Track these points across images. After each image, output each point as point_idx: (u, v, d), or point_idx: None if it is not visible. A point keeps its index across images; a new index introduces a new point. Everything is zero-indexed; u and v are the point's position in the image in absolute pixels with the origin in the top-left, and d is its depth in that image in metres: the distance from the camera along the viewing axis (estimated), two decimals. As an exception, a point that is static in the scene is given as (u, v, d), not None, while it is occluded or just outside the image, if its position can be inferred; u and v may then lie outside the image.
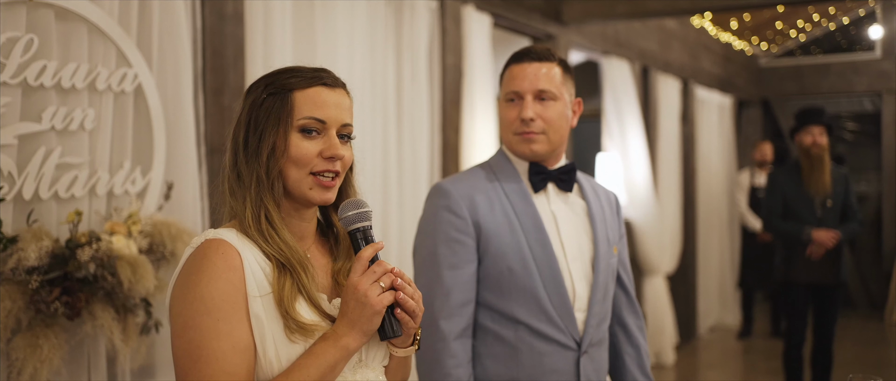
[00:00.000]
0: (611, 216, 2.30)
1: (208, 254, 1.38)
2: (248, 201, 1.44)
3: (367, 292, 1.39)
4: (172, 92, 2.72)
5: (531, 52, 2.18)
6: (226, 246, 1.39)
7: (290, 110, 1.44)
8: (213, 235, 1.42)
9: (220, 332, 1.34)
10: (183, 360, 1.35)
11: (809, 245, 4.92)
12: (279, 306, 1.39)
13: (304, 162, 1.45)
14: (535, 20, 5.07)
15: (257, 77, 1.65)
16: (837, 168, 5.12)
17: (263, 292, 1.39)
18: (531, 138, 2.15)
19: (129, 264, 2.38)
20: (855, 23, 9.64)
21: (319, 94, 1.46)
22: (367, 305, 1.39)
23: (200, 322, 1.34)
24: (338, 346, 1.39)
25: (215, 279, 1.36)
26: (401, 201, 3.96)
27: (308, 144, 1.45)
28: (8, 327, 2.21)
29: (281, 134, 1.44)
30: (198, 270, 1.37)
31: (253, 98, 1.48)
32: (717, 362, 7.17)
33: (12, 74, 2.26)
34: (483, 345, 2.15)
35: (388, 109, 3.86)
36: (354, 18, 3.59)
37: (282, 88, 1.46)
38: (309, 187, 1.47)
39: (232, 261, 1.38)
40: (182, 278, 1.39)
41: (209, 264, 1.37)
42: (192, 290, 1.36)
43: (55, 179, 2.38)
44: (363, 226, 1.47)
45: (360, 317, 1.39)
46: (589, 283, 2.18)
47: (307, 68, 1.50)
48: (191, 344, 1.34)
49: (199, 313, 1.34)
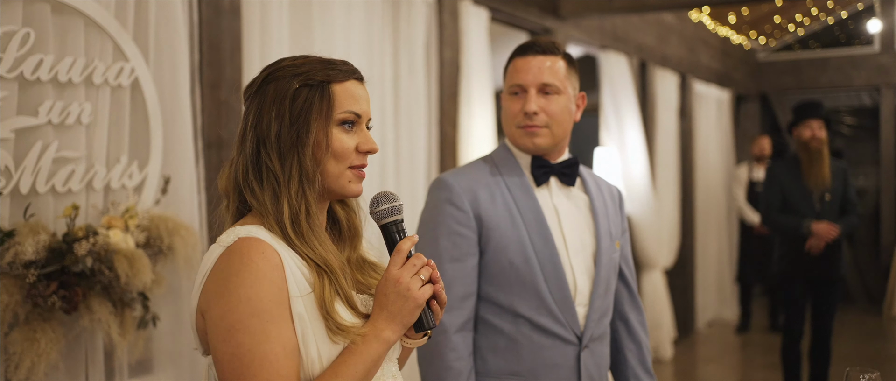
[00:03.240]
0: (613, 211, 2.29)
1: (249, 253, 1.33)
2: (287, 197, 1.39)
3: (409, 285, 1.39)
4: (169, 86, 2.72)
5: (535, 46, 2.17)
6: (265, 245, 1.35)
7: (331, 103, 1.42)
8: (244, 233, 1.37)
9: (270, 334, 1.30)
10: (232, 364, 1.30)
11: (809, 239, 4.92)
12: (321, 308, 1.36)
13: (345, 156, 1.43)
14: (532, 14, 5.06)
15: (258, 71, 1.62)
16: (836, 162, 5.12)
17: (304, 292, 1.36)
18: (534, 132, 2.14)
19: (127, 258, 2.37)
20: (853, 17, 9.63)
21: (355, 87, 1.46)
22: (410, 298, 1.39)
23: (249, 325, 1.30)
24: (380, 339, 1.38)
25: (260, 280, 1.31)
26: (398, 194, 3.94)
27: (347, 138, 1.44)
28: (5, 321, 2.21)
29: (322, 127, 1.42)
30: (239, 271, 1.32)
31: (280, 88, 1.42)
32: (714, 356, 7.18)
33: (9, 67, 2.25)
34: (484, 338, 2.14)
35: (385, 103, 3.85)
36: (351, 12, 3.58)
37: (321, 80, 1.43)
38: (348, 181, 1.46)
39: (273, 260, 1.34)
40: (220, 278, 1.34)
41: (251, 264, 1.32)
42: (236, 292, 1.31)
43: (52, 173, 2.38)
44: (397, 219, 1.47)
45: (400, 310, 1.39)
46: (590, 277, 2.17)
47: (336, 60, 1.47)
48: (241, 348, 1.30)
49: (246, 316, 1.30)
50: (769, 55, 10.20)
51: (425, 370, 2.12)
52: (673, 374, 6.46)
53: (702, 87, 8.14)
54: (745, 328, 8.07)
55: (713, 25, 8.27)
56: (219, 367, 1.33)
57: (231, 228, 1.39)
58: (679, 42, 7.58)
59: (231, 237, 1.37)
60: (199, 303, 1.37)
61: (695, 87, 7.93)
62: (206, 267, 1.37)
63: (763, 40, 9.76)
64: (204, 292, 1.36)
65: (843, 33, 9.87)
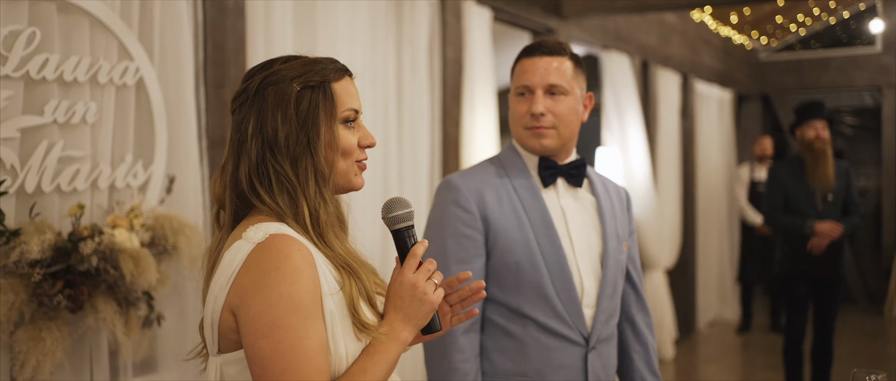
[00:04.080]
0: (621, 212, 2.29)
1: (285, 250, 1.33)
2: (305, 199, 1.41)
3: (426, 289, 1.44)
4: (174, 85, 2.72)
5: (542, 46, 2.17)
6: (299, 242, 1.36)
7: (333, 102, 1.45)
8: (275, 230, 1.36)
9: (310, 331, 1.32)
10: (273, 360, 1.30)
11: (812, 238, 4.92)
12: (349, 305, 1.39)
13: (351, 152, 1.47)
14: (535, 14, 5.06)
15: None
16: (838, 162, 5.11)
17: (333, 290, 1.38)
18: (541, 133, 2.14)
19: (132, 257, 2.38)
20: (855, 17, 9.63)
21: (350, 84, 1.49)
22: (426, 302, 1.44)
23: (290, 321, 1.30)
24: (399, 341, 1.43)
25: (299, 277, 1.33)
26: (400, 194, 3.95)
27: (350, 135, 1.47)
28: (11, 320, 2.21)
29: (329, 127, 1.44)
30: (278, 266, 1.32)
31: (281, 92, 1.42)
32: (716, 356, 7.18)
33: (14, 67, 2.26)
34: (490, 340, 2.14)
35: (388, 102, 3.85)
36: (355, 12, 3.58)
37: (320, 80, 1.44)
38: (354, 174, 1.50)
39: (308, 257, 1.35)
40: (257, 275, 1.33)
41: (289, 260, 1.33)
42: (277, 288, 1.31)
43: (57, 172, 2.38)
44: (410, 224, 1.51)
45: (416, 312, 1.44)
46: (597, 279, 2.17)
47: (325, 59, 1.49)
48: (282, 343, 1.30)
49: (288, 313, 1.30)
50: (771, 55, 10.19)
51: (432, 371, 2.12)
52: (674, 374, 6.46)
53: (703, 87, 8.14)
54: (747, 329, 8.07)
55: (715, 25, 8.27)
56: (256, 363, 1.32)
57: (256, 224, 1.37)
58: (681, 42, 7.58)
59: (260, 234, 1.35)
60: (228, 299, 1.35)
61: (696, 86, 7.93)
62: (234, 263, 1.35)
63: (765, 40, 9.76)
64: (235, 289, 1.34)
65: (845, 33, 9.86)
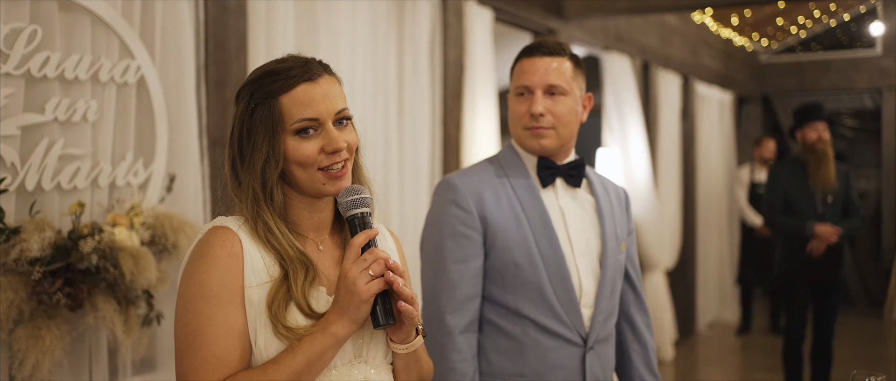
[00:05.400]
0: (620, 212, 2.29)
1: (210, 241, 1.44)
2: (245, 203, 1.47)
3: (355, 279, 1.40)
4: (175, 84, 2.72)
5: (542, 47, 2.17)
6: (228, 233, 1.44)
7: (279, 118, 1.43)
8: (220, 222, 1.48)
9: (216, 317, 1.39)
10: (180, 341, 1.41)
11: (811, 240, 4.92)
12: (269, 310, 1.41)
13: (309, 163, 1.45)
14: (536, 15, 5.06)
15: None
16: (839, 165, 5.11)
17: (260, 282, 1.43)
18: (540, 133, 2.14)
19: (132, 255, 2.38)
20: (856, 19, 9.63)
21: (305, 92, 1.44)
22: (355, 293, 1.40)
23: (198, 306, 1.40)
24: (326, 333, 1.41)
25: (214, 266, 1.41)
26: (401, 195, 3.96)
27: (307, 145, 1.44)
28: (10, 318, 2.21)
29: (277, 142, 1.43)
30: (199, 256, 1.43)
31: (242, 108, 1.47)
32: (715, 358, 7.18)
33: (16, 64, 2.26)
34: (488, 340, 2.14)
35: (389, 102, 3.85)
36: (356, 12, 3.59)
37: (266, 95, 1.44)
38: (322, 183, 1.47)
39: (232, 248, 1.43)
40: (188, 263, 1.45)
41: (210, 251, 1.42)
42: (194, 275, 1.42)
43: (58, 170, 2.38)
44: (361, 212, 1.46)
45: (348, 305, 1.40)
46: (596, 279, 2.17)
47: (287, 66, 1.46)
48: (188, 327, 1.40)
49: (197, 298, 1.40)
50: (771, 57, 10.19)
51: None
52: (674, 375, 6.46)
53: (704, 88, 8.14)
54: (746, 330, 8.07)
55: (716, 27, 8.27)
56: (174, 344, 1.44)
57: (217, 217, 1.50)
58: (682, 43, 7.58)
59: (208, 226, 1.49)
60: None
61: (697, 88, 7.93)
62: (187, 255, 1.49)
63: (765, 42, 9.76)
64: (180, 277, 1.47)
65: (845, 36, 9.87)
